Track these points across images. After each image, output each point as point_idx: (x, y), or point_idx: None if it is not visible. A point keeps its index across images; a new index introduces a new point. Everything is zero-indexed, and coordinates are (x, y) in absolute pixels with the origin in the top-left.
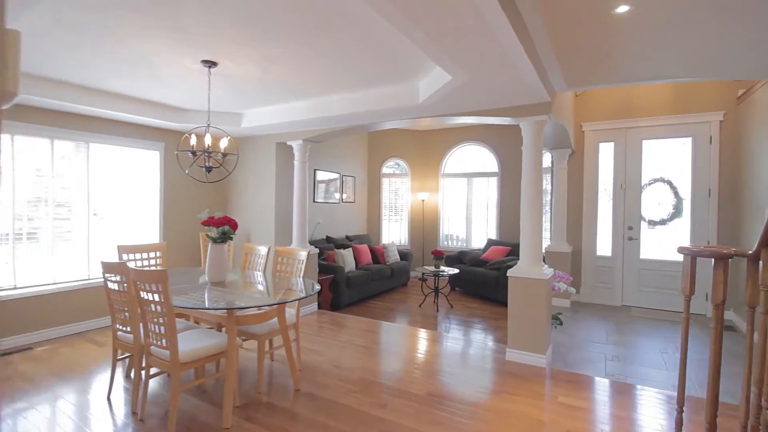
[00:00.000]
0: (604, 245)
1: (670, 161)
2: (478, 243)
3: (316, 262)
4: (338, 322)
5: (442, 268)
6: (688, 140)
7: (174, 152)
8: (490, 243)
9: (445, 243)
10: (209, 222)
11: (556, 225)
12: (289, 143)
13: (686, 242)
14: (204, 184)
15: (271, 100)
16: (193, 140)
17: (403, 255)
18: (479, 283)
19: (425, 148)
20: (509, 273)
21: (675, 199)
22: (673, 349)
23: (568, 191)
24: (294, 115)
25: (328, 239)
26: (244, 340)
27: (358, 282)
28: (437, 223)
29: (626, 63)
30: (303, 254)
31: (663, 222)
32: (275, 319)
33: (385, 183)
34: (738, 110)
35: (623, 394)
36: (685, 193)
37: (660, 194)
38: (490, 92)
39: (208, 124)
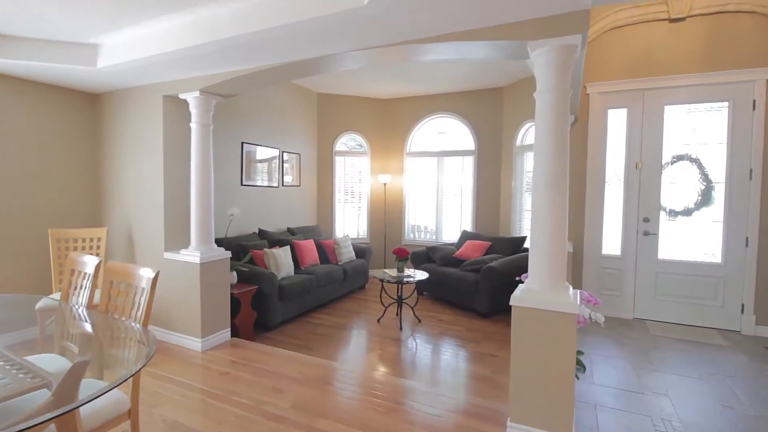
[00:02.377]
0: (611, 242)
1: (699, 133)
2: (450, 236)
3: (226, 271)
4: (251, 363)
5: (408, 271)
6: (724, 106)
7: None
8: (466, 236)
9: (411, 236)
10: None
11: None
12: (182, 96)
13: (718, 237)
14: (53, 156)
15: (135, 16)
16: None
17: (361, 252)
18: (453, 288)
19: (387, 121)
20: (513, 301)
21: (704, 183)
22: (733, 398)
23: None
24: (173, 41)
25: (261, 234)
26: None
27: (297, 291)
28: (402, 212)
29: None
30: (146, 276)
31: (687, 212)
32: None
33: (339, 163)
34: None
35: None
36: (718, 174)
37: (685, 176)
38: None
39: None
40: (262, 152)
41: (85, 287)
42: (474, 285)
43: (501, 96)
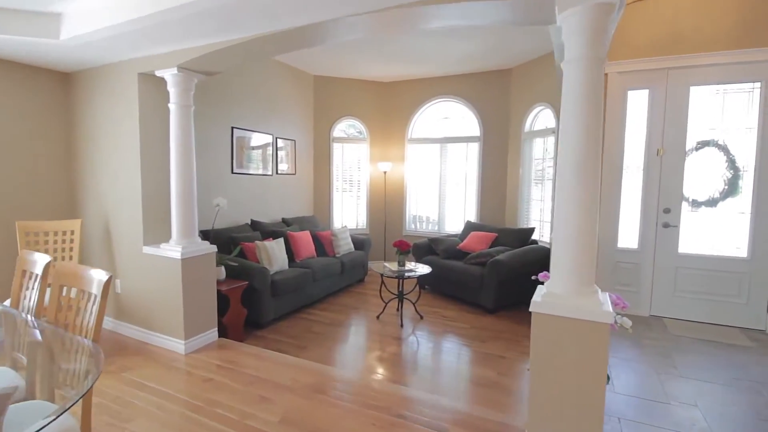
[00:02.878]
0: (628, 234)
1: (727, 117)
2: (453, 226)
3: (212, 266)
4: (238, 367)
5: (409, 265)
6: (756, 87)
7: None
8: (470, 227)
9: (413, 227)
10: None
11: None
12: (158, 74)
13: (744, 230)
14: (22, 140)
15: None
16: None
17: (359, 243)
18: (457, 282)
19: (388, 105)
20: (534, 307)
21: (731, 171)
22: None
23: None
24: (144, 5)
25: (254, 225)
26: None
27: (291, 286)
28: (402, 202)
29: None
30: (97, 279)
31: (711, 203)
32: None
33: (337, 150)
34: None
35: None
36: (746, 161)
37: (710, 164)
38: None
39: None
40: (254, 138)
41: (34, 289)
42: (479, 279)
43: (509, 78)
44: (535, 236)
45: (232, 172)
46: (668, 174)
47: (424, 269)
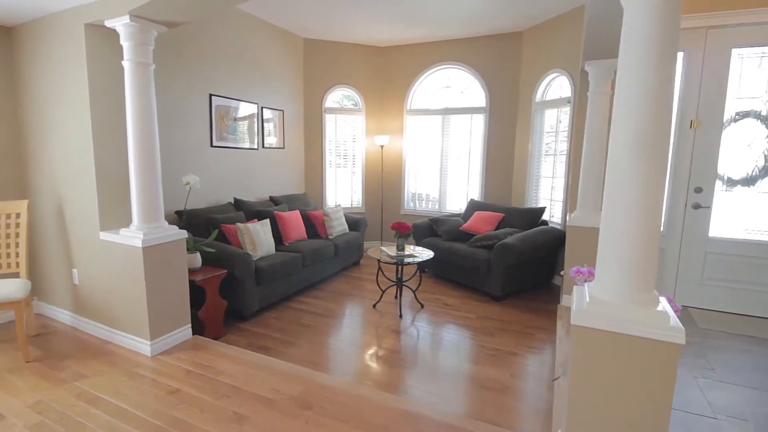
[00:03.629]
0: None
1: None
2: (455, 205)
3: (182, 254)
4: (211, 374)
5: (409, 249)
6: None
7: None
8: (474, 207)
9: (411, 205)
10: None
11: (586, 185)
12: (109, 24)
13: None
14: None
15: None
16: None
17: (354, 224)
18: (460, 266)
19: (385, 73)
20: (577, 319)
21: None
22: None
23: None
24: None
25: (237, 204)
26: None
27: (278, 273)
28: (401, 179)
29: None
30: None
31: (749, 181)
32: None
33: (330, 122)
34: None
35: None
36: None
37: (749, 137)
38: None
39: None
40: (236, 107)
41: None
42: (486, 264)
43: (519, 42)
44: (545, 216)
45: (212, 146)
46: (701, 149)
47: (425, 254)
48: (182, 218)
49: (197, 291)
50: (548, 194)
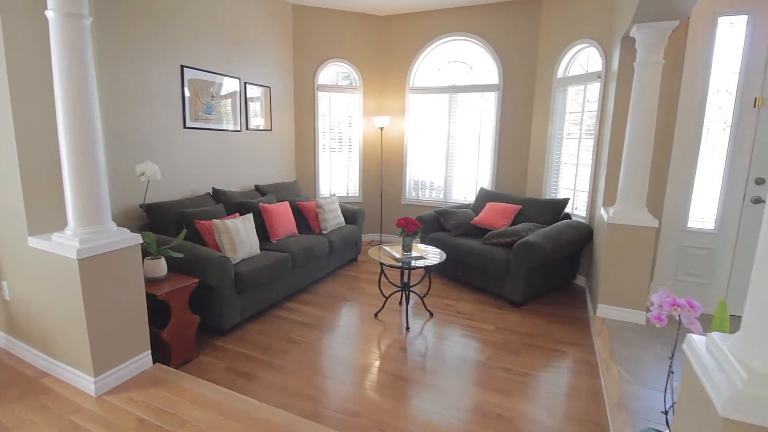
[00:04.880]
0: (703, 212)
1: None
2: (462, 195)
3: (136, 263)
4: (169, 424)
5: (417, 250)
6: None
7: None
8: (486, 197)
9: (413, 194)
10: None
11: (628, 176)
12: None
13: None
14: None
15: None
16: None
17: (351, 216)
18: (473, 266)
19: (385, 45)
20: (726, 408)
21: None
22: None
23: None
24: None
25: (216, 196)
26: None
27: (262, 278)
28: (402, 165)
29: None
30: None
31: None
32: None
33: (323, 100)
34: None
35: None
36: None
37: None
38: None
39: None
40: (215, 82)
41: None
42: (504, 265)
43: (538, 8)
44: (569, 208)
45: (185, 127)
46: (767, 133)
47: (435, 255)
48: (146, 213)
49: (161, 306)
50: (570, 183)
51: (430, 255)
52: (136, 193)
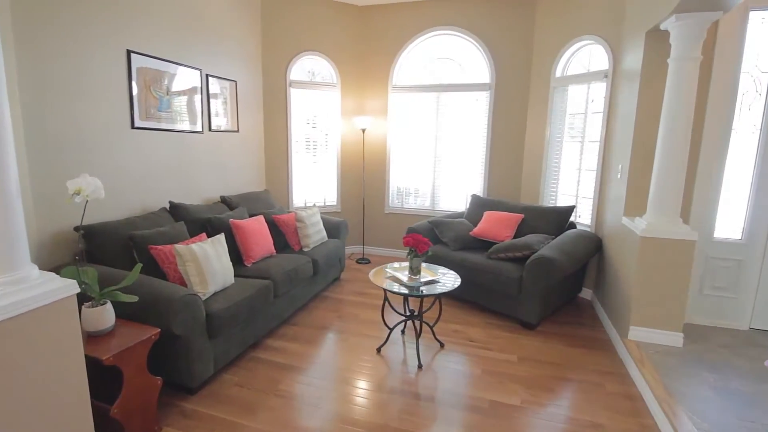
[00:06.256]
0: (730, 221)
1: None
2: (450, 202)
3: (70, 322)
4: None
5: (427, 273)
6: None
7: None
8: (480, 204)
9: (397, 202)
10: None
11: (661, 184)
12: None
13: None
14: None
15: None
16: None
17: (334, 228)
18: (480, 285)
19: (365, 38)
20: None
21: None
22: None
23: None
24: None
25: (175, 211)
26: None
27: (240, 316)
28: (384, 170)
29: None
30: None
31: None
32: None
33: (296, 97)
34: None
35: None
36: None
37: None
38: None
39: None
40: (170, 73)
41: None
42: (516, 284)
43: (533, 2)
44: (573, 217)
45: (134, 127)
46: None
47: (450, 278)
48: (83, 238)
49: (109, 372)
50: (571, 189)
51: (444, 278)
52: (69, 212)
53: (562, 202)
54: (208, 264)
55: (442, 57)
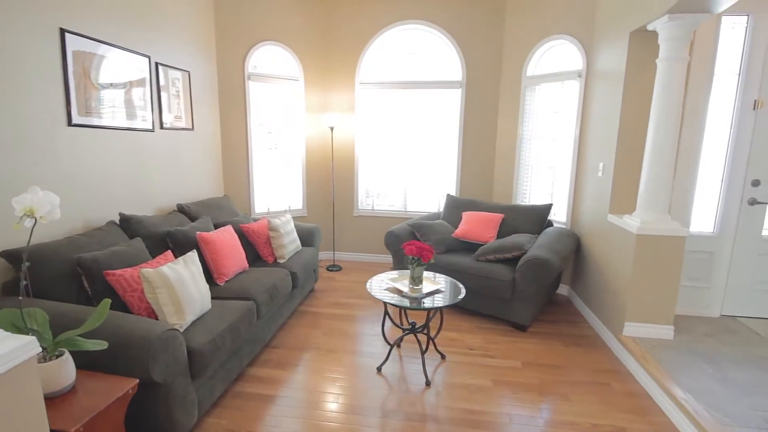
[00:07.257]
0: (703, 216)
1: None
2: (422, 203)
3: (31, 392)
4: None
5: (429, 283)
6: None
7: None
8: (457, 205)
9: (367, 206)
10: None
11: (652, 182)
12: None
13: None
14: None
15: None
16: None
17: (307, 236)
18: (473, 289)
19: (329, 29)
20: None
21: None
22: None
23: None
24: None
25: (127, 226)
26: None
27: (225, 348)
28: (354, 171)
29: None
30: None
31: None
32: None
33: (256, 92)
34: None
35: None
36: None
37: None
38: None
39: None
40: (111, 59)
41: None
42: (509, 286)
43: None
44: (551, 215)
45: (71, 124)
46: (765, 135)
47: (448, 286)
48: (20, 268)
49: None
50: (545, 187)
51: (447, 287)
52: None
53: (535, 200)
54: (183, 289)
55: (411, 52)
